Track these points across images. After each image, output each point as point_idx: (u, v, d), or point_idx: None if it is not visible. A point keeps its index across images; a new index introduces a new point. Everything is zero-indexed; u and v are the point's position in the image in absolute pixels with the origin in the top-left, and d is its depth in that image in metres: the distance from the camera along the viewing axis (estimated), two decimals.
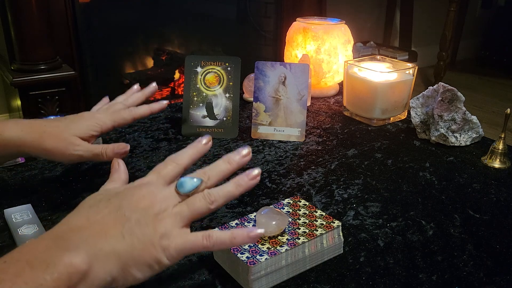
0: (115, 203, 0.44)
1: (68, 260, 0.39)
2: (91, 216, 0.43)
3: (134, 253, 0.42)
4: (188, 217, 0.44)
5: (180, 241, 0.43)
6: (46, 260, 0.38)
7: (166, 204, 0.44)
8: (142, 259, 0.42)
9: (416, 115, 0.91)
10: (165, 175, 0.47)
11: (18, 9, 1.63)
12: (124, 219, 0.42)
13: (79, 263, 0.39)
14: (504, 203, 0.70)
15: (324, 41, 1.12)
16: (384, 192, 0.72)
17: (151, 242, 0.42)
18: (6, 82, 1.81)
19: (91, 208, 0.44)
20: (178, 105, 1.08)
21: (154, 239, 0.42)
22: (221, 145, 0.88)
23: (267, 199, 0.70)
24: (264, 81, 0.90)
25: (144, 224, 0.43)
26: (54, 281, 0.37)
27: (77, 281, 0.38)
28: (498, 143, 0.81)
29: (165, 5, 2.40)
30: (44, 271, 0.38)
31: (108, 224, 0.42)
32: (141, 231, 0.42)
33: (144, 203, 0.44)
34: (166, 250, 0.42)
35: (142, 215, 0.43)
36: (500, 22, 3.60)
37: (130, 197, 0.44)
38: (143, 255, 0.42)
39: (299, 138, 0.91)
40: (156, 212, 0.43)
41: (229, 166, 0.48)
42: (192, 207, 0.45)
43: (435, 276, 0.54)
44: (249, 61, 1.05)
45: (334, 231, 0.56)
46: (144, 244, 0.42)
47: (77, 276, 0.38)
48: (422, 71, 3.31)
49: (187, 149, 0.49)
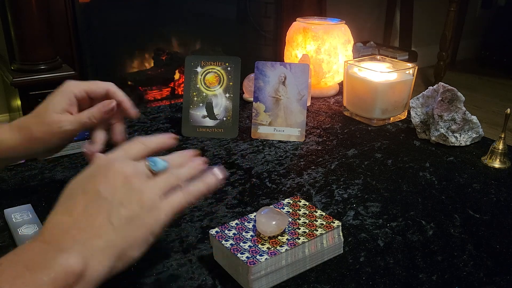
0: (92, 190, 0.43)
1: (63, 261, 0.39)
2: (72, 211, 0.42)
3: (128, 238, 0.42)
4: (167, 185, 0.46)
5: (167, 207, 0.44)
6: (43, 262, 0.38)
7: (142, 177, 0.45)
8: (137, 238, 0.42)
9: (416, 115, 0.91)
10: (131, 153, 0.48)
11: (18, 9, 1.63)
12: (107, 205, 0.42)
13: (75, 265, 0.39)
14: (504, 203, 0.70)
15: (324, 41, 1.12)
16: (384, 192, 0.72)
17: (140, 218, 0.42)
18: (6, 82, 1.81)
19: (69, 200, 0.43)
20: (178, 105, 1.08)
21: (143, 214, 0.43)
22: (221, 145, 0.88)
23: (267, 199, 0.70)
24: (264, 81, 0.90)
25: (128, 202, 0.42)
26: (52, 281, 0.37)
27: (74, 281, 0.39)
28: (498, 143, 0.81)
29: (165, 5, 2.40)
30: (42, 272, 0.38)
31: (92, 215, 0.41)
32: (128, 211, 0.42)
33: (120, 181, 0.43)
34: (158, 221, 0.43)
35: (123, 193, 0.43)
36: (500, 22, 3.60)
37: (103, 179, 0.44)
38: (136, 235, 0.42)
39: (299, 138, 0.91)
40: (136, 187, 0.44)
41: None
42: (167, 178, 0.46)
43: (435, 276, 0.54)
44: (249, 61, 1.05)
45: (334, 231, 0.56)
46: (135, 224, 0.42)
47: (74, 276, 0.39)
48: (422, 71, 3.31)
49: (155, 136, 0.52)
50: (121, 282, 0.52)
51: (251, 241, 0.53)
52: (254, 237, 0.53)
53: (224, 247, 0.52)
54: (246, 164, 0.81)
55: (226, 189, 0.72)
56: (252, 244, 0.52)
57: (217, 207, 0.67)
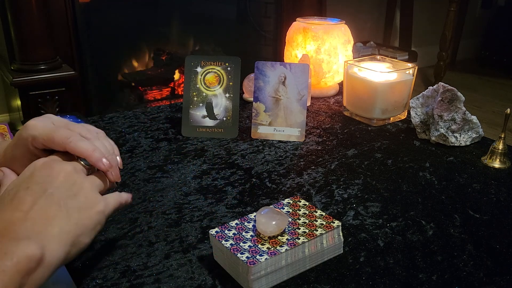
0: (36, 187, 0.45)
1: (23, 246, 0.40)
2: (21, 207, 0.44)
3: (79, 224, 0.45)
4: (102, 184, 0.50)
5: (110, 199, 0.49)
6: (3, 250, 0.40)
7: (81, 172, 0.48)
8: (87, 226, 0.46)
9: (416, 115, 0.91)
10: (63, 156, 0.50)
11: (18, 9, 1.64)
12: (55, 198, 0.45)
13: (34, 250, 0.41)
14: (504, 203, 0.70)
15: (324, 41, 1.12)
16: (384, 192, 0.72)
17: (88, 209, 0.47)
18: (6, 82, 1.81)
19: (14, 200, 0.44)
20: (178, 105, 1.08)
21: (89, 205, 0.47)
22: (221, 145, 0.88)
23: (267, 199, 0.70)
24: (264, 81, 0.90)
25: (73, 196, 0.46)
26: (15, 265, 0.39)
27: (35, 266, 0.41)
28: (498, 143, 0.81)
29: (165, 5, 2.40)
30: (4, 259, 0.39)
31: (44, 208, 0.44)
32: (76, 202, 0.46)
33: (62, 177, 0.46)
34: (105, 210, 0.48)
35: (67, 189, 0.46)
36: (500, 22, 3.60)
37: (45, 177, 0.46)
38: (86, 223, 0.46)
39: (299, 138, 0.91)
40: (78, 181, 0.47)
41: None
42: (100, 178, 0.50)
43: (435, 276, 0.54)
44: (249, 61, 1.05)
45: (334, 231, 0.56)
46: (84, 213, 0.46)
47: (34, 261, 0.41)
48: (422, 71, 3.31)
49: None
50: (122, 282, 0.52)
51: (251, 241, 0.53)
52: (254, 237, 0.53)
53: (224, 247, 0.52)
54: (246, 164, 0.81)
55: (226, 189, 0.72)
56: (252, 244, 0.52)
57: (217, 207, 0.67)
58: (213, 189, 0.72)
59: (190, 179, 0.75)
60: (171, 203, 0.68)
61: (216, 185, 0.73)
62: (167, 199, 0.69)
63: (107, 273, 0.53)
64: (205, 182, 0.74)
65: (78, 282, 0.52)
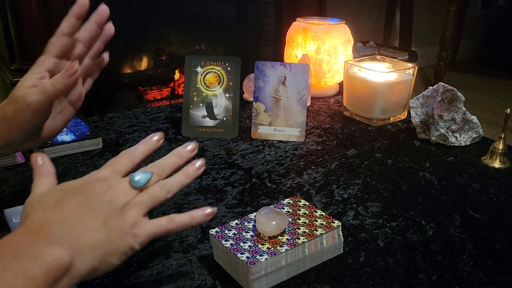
0: (82, 197, 0.45)
1: (55, 252, 0.40)
2: (64, 210, 0.44)
3: (112, 244, 0.44)
4: (149, 206, 0.48)
5: (148, 227, 0.47)
6: (33, 253, 0.39)
7: (129, 196, 0.47)
8: (119, 248, 0.45)
9: (416, 115, 0.91)
10: (121, 170, 0.49)
11: (18, 9, 1.63)
12: (97, 212, 0.45)
13: (65, 256, 0.40)
14: (504, 203, 0.70)
15: (324, 41, 1.12)
16: (384, 192, 0.72)
17: (124, 232, 0.45)
18: (6, 82, 1.81)
19: (59, 203, 0.45)
20: (178, 105, 1.08)
21: (127, 229, 0.46)
22: (221, 145, 0.88)
23: (267, 199, 0.70)
24: (264, 81, 0.90)
25: (115, 216, 0.45)
26: (44, 272, 0.38)
27: (63, 273, 0.40)
28: (498, 143, 0.81)
29: (165, 5, 2.39)
30: (33, 263, 0.38)
31: (84, 217, 0.44)
32: (114, 222, 0.45)
33: (109, 196, 0.46)
34: (138, 237, 0.46)
35: (111, 207, 0.46)
36: (500, 22, 3.60)
37: (94, 191, 0.46)
38: (119, 244, 0.45)
39: (299, 138, 0.91)
40: (122, 204, 0.46)
41: (179, 160, 0.52)
42: (152, 197, 0.48)
43: (435, 276, 0.54)
44: (249, 61, 1.05)
45: (334, 231, 0.56)
46: (119, 235, 0.45)
47: (63, 268, 0.40)
48: (422, 71, 3.30)
49: (140, 146, 0.52)
50: (121, 282, 0.52)
51: (251, 241, 0.53)
52: (254, 237, 0.53)
53: (224, 247, 0.52)
54: (246, 164, 0.81)
55: (226, 189, 0.72)
56: (252, 244, 0.52)
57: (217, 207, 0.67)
58: (213, 189, 0.72)
59: None
60: (171, 203, 0.68)
61: (216, 185, 0.73)
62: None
63: (107, 273, 0.53)
64: (205, 182, 0.74)
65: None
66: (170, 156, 0.52)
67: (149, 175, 0.48)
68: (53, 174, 0.51)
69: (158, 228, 0.47)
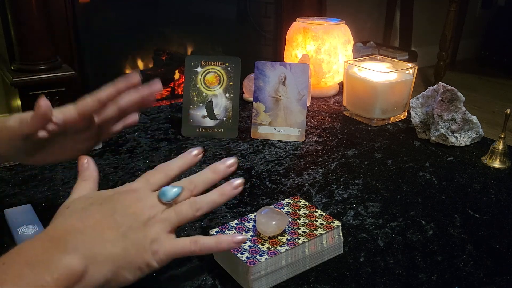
0: (107, 208, 0.45)
1: (67, 261, 0.39)
2: (85, 219, 0.44)
3: (128, 257, 0.43)
4: (175, 223, 0.46)
5: (169, 245, 0.45)
6: (46, 261, 0.39)
7: (154, 211, 0.46)
8: (135, 262, 0.43)
9: (416, 115, 0.91)
10: (153, 183, 0.48)
11: (18, 9, 1.63)
12: (118, 224, 0.44)
13: (77, 265, 0.40)
14: (504, 203, 0.70)
15: (324, 41, 1.12)
16: (384, 192, 0.72)
17: (143, 246, 0.44)
18: (6, 82, 1.81)
19: (84, 211, 0.44)
20: (178, 105, 1.08)
21: (146, 244, 0.44)
22: (221, 145, 0.88)
23: (267, 199, 0.70)
24: (264, 81, 0.90)
25: (136, 229, 0.44)
26: (54, 281, 0.38)
27: (74, 282, 0.39)
28: (498, 143, 0.81)
29: (165, 5, 2.39)
30: (45, 272, 0.38)
31: (103, 228, 0.43)
32: (134, 236, 0.44)
33: (134, 209, 0.45)
34: (156, 254, 0.44)
35: (134, 220, 0.44)
36: (500, 22, 3.60)
37: (121, 202, 0.45)
38: (135, 259, 0.43)
39: (299, 138, 0.91)
40: (146, 218, 0.45)
41: (214, 175, 0.50)
42: (179, 214, 0.46)
43: (435, 276, 0.54)
44: (249, 61, 1.05)
45: (334, 231, 0.56)
46: (136, 249, 0.44)
47: (75, 277, 0.39)
48: (422, 71, 3.30)
49: (177, 160, 0.51)
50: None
51: (251, 241, 0.53)
52: (254, 237, 0.53)
53: None
54: (246, 164, 0.81)
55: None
56: (252, 244, 0.52)
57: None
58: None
59: None
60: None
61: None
62: None
63: None
64: None
65: None
66: (205, 171, 0.50)
67: (178, 190, 0.47)
68: (95, 179, 0.50)
69: (180, 249, 0.45)
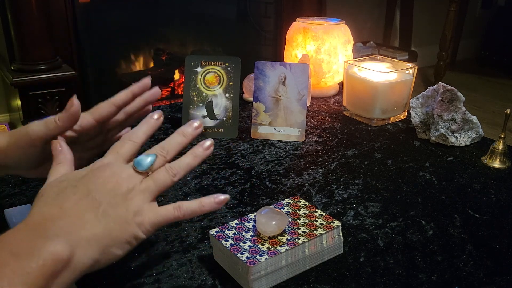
0: (83, 188, 0.44)
1: (51, 248, 0.39)
2: (62, 204, 0.43)
3: (112, 235, 0.43)
4: (155, 191, 0.47)
5: (153, 215, 0.45)
6: (30, 249, 0.39)
7: (132, 182, 0.46)
8: (121, 238, 0.44)
9: (416, 115, 0.91)
10: (124, 154, 0.48)
11: (18, 9, 1.63)
12: (96, 203, 0.43)
13: (61, 251, 0.40)
14: (504, 203, 0.70)
15: (324, 41, 1.12)
16: (384, 192, 0.72)
17: (126, 221, 0.44)
18: (6, 82, 1.81)
19: (59, 195, 0.44)
20: (178, 105, 1.08)
21: (129, 218, 0.44)
22: (221, 145, 0.88)
23: (267, 199, 0.70)
24: (264, 81, 0.90)
25: (116, 204, 0.44)
26: (40, 268, 0.38)
27: (61, 268, 0.40)
28: (498, 143, 0.81)
29: (165, 5, 2.39)
30: (30, 259, 0.38)
31: (82, 210, 0.43)
32: (115, 212, 0.44)
33: (111, 185, 0.45)
34: (141, 226, 0.45)
35: (112, 196, 0.44)
36: (500, 22, 3.60)
37: (95, 180, 0.45)
38: (121, 235, 0.44)
39: (299, 138, 0.91)
40: (125, 191, 0.45)
41: (184, 139, 0.50)
42: (157, 182, 0.47)
43: (435, 276, 0.54)
44: (249, 61, 1.05)
45: (334, 231, 0.56)
46: (120, 224, 0.44)
47: (61, 263, 0.39)
48: (422, 71, 3.30)
49: (142, 126, 0.50)
50: (121, 282, 0.52)
51: (251, 241, 0.53)
52: (254, 237, 0.53)
53: (224, 247, 0.52)
54: (246, 164, 0.81)
55: (226, 189, 0.72)
56: (252, 244, 0.52)
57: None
58: (213, 189, 0.72)
59: (190, 179, 0.75)
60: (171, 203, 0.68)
61: (216, 185, 0.73)
62: (167, 199, 0.69)
63: (107, 273, 0.53)
64: (205, 182, 0.74)
65: (78, 282, 0.52)
66: (174, 136, 0.50)
67: (153, 158, 0.47)
68: (70, 162, 0.49)
69: (164, 216, 0.46)
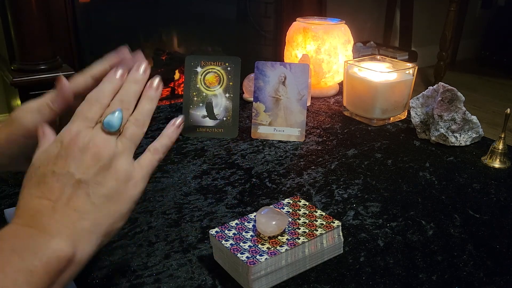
0: (63, 172, 0.41)
1: (54, 245, 0.38)
2: (49, 194, 0.41)
3: (111, 214, 0.42)
4: (133, 148, 0.46)
5: (140, 171, 0.45)
6: (33, 247, 0.38)
7: (109, 148, 0.43)
8: (120, 210, 0.43)
9: (416, 115, 0.91)
10: (91, 118, 0.45)
11: (18, 9, 1.63)
12: (84, 186, 0.41)
13: (66, 249, 0.39)
14: (504, 203, 0.70)
15: (324, 41, 1.12)
16: (384, 192, 0.72)
17: (119, 192, 0.43)
18: (6, 82, 1.81)
19: (41, 185, 0.41)
20: (178, 105, 1.08)
21: (121, 188, 0.43)
22: (221, 145, 0.88)
23: (267, 199, 0.70)
24: (264, 81, 0.90)
25: (103, 179, 0.42)
26: (44, 266, 0.37)
27: (65, 265, 0.39)
28: (498, 143, 0.81)
29: (165, 5, 2.40)
30: (33, 257, 0.37)
31: (72, 198, 0.41)
32: (105, 188, 0.42)
33: (89, 158, 0.42)
34: (135, 187, 0.44)
35: (96, 171, 0.42)
36: (500, 22, 3.60)
37: (72, 158, 0.42)
38: (119, 207, 0.43)
39: (299, 138, 0.91)
40: (106, 161, 0.42)
41: (137, 86, 0.48)
42: (132, 138, 0.45)
43: (435, 276, 0.54)
44: (249, 61, 1.05)
45: (334, 231, 0.56)
46: (115, 198, 0.42)
47: (65, 261, 0.38)
48: (422, 71, 3.30)
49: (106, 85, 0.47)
50: (121, 282, 0.52)
51: (251, 241, 0.53)
52: (254, 237, 0.53)
53: (224, 247, 0.52)
54: (246, 164, 0.81)
55: (226, 189, 0.72)
56: (252, 244, 0.52)
57: (217, 207, 0.67)
58: (213, 189, 0.72)
59: (190, 179, 0.75)
60: (171, 203, 0.68)
61: (216, 185, 0.73)
62: (167, 199, 0.69)
63: (107, 273, 0.53)
64: (205, 182, 0.74)
65: (78, 282, 0.52)
66: (127, 86, 0.47)
67: (120, 114, 0.45)
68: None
69: (150, 165, 0.46)
